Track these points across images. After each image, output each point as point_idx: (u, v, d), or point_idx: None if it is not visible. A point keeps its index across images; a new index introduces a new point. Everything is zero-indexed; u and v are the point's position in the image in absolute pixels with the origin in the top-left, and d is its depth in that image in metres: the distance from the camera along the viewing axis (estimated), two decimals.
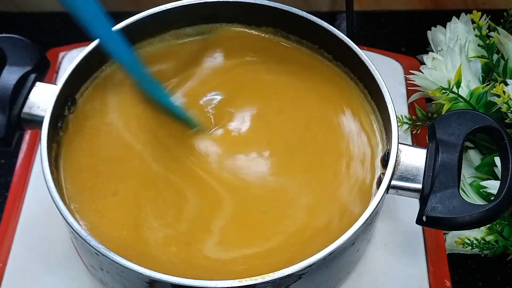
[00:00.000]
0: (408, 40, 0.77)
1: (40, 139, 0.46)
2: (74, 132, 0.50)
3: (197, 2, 0.53)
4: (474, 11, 0.61)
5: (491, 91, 0.57)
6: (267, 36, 0.56)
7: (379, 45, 0.77)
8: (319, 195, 0.48)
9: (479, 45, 0.62)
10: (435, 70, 0.60)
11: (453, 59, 0.59)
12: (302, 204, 0.47)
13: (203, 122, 0.51)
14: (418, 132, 0.61)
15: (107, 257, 0.41)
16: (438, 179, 0.44)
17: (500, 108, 0.56)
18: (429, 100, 0.63)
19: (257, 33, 0.56)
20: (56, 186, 0.44)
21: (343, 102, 0.53)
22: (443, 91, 0.57)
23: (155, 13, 0.53)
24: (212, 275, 0.43)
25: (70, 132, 0.50)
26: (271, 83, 0.54)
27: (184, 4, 0.53)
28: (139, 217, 0.46)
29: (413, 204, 0.47)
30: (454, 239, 0.56)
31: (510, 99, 0.55)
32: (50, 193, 0.43)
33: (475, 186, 0.57)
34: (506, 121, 0.56)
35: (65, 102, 0.50)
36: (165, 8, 0.53)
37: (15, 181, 0.57)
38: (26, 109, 0.48)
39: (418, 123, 0.61)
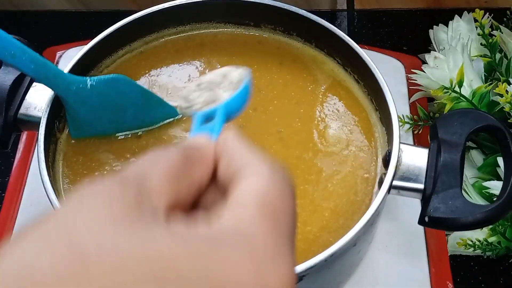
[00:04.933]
0: (409, 39, 0.77)
1: (37, 140, 0.45)
2: None
3: (193, 1, 0.53)
4: (477, 10, 0.61)
5: (494, 90, 0.57)
6: (266, 35, 0.56)
7: (381, 44, 0.76)
8: (320, 196, 0.47)
9: (481, 44, 0.62)
10: (437, 69, 0.59)
11: (455, 58, 0.59)
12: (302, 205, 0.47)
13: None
14: (420, 132, 0.61)
15: None
16: (440, 179, 0.44)
17: (502, 107, 0.55)
18: (431, 99, 0.63)
19: (257, 31, 0.56)
20: (53, 187, 0.43)
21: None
22: (445, 90, 0.57)
23: (155, 11, 0.52)
24: None
25: (68, 133, 0.49)
26: (274, 81, 0.53)
27: (181, 3, 0.53)
28: None
29: (414, 205, 0.46)
30: (456, 240, 0.56)
31: None
32: (47, 194, 0.43)
33: (477, 187, 0.57)
34: (509, 120, 0.55)
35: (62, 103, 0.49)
36: (163, 7, 0.53)
37: (12, 181, 0.57)
38: (22, 110, 0.47)
39: (419, 123, 0.61)
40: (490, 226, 0.56)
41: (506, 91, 0.55)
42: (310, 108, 0.52)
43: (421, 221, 0.44)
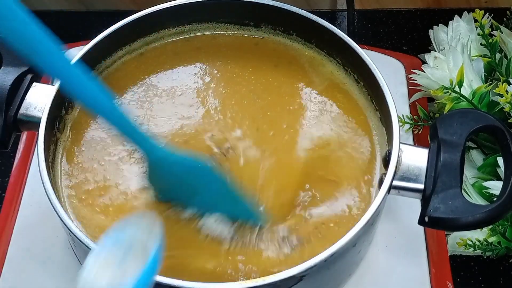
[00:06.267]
0: (409, 39, 0.77)
1: (37, 140, 0.45)
2: (71, 132, 0.50)
3: (193, 1, 0.53)
4: (477, 10, 0.61)
5: (494, 90, 0.57)
6: (265, 36, 0.56)
7: (380, 44, 0.76)
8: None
9: (481, 44, 0.62)
10: (437, 69, 0.59)
11: (455, 58, 0.59)
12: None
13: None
14: (420, 132, 0.61)
15: None
16: (440, 179, 0.44)
17: (503, 107, 0.55)
18: (431, 99, 0.63)
19: (256, 33, 0.56)
20: (53, 187, 0.43)
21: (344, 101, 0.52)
22: (445, 90, 0.57)
23: (154, 11, 0.52)
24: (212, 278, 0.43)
25: (67, 133, 0.49)
26: (269, 85, 0.53)
27: (181, 3, 0.53)
28: None
29: (414, 205, 0.46)
30: (456, 241, 0.56)
31: None
32: (47, 194, 0.43)
33: (477, 187, 0.57)
34: (509, 120, 0.55)
35: (62, 103, 0.49)
36: (163, 7, 0.53)
37: (12, 182, 0.57)
38: (22, 110, 0.47)
39: (419, 123, 0.61)
40: (490, 226, 0.56)
41: (506, 91, 0.55)
42: (306, 111, 0.52)
43: (421, 221, 0.44)
